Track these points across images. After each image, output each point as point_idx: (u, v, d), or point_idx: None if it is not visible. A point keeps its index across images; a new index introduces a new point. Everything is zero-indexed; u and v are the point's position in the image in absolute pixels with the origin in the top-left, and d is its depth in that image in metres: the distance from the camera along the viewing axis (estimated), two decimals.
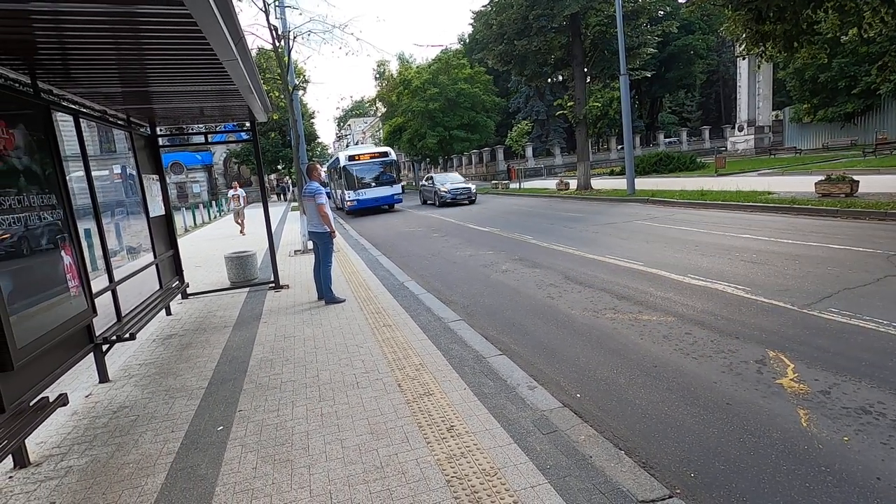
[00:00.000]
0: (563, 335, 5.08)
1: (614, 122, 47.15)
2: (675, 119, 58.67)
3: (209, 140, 8.50)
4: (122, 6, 3.08)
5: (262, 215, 8.27)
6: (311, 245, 8.74)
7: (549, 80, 26.24)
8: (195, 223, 25.19)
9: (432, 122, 36.38)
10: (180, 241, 8.10)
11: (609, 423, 3.38)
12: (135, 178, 6.42)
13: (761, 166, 26.03)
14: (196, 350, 5.44)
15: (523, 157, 45.74)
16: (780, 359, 4.05)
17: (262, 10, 11.41)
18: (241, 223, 17.69)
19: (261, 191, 8.46)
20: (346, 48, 70.39)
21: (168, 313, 7.15)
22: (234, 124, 9.98)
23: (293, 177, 36.09)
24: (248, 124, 8.11)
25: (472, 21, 28.19)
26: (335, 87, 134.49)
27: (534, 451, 2.95)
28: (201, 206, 29.21)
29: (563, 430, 3.17)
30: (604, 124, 48.33)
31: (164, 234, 7.27)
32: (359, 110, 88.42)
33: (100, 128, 5.59)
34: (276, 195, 48.33)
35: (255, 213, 25.14)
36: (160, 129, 8.17)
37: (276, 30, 12.07)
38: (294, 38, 12.83)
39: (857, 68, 30.36)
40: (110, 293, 5.08)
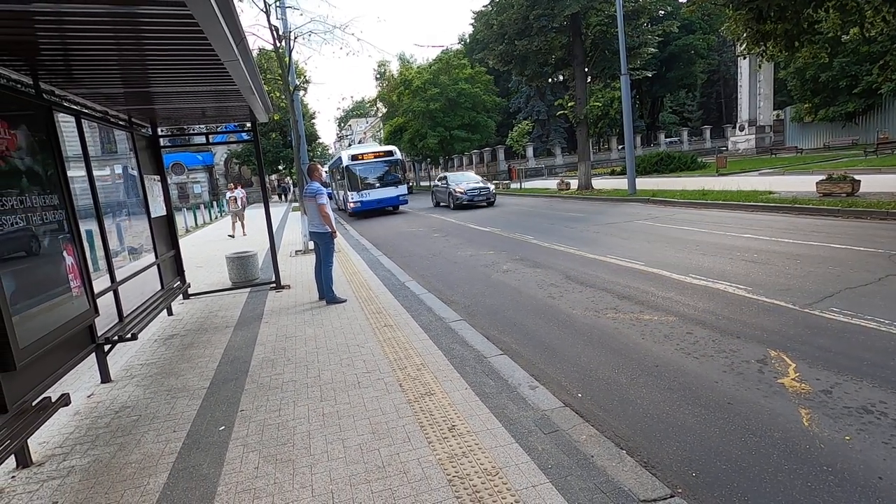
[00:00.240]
0: (565, 335, 5.08)
1: (615, 122, 47.10)
2: (676, 119, 58.65)
3: (210, 140, 8.49)
4: (123, 7, 3.09)
5: (263, 215, 8.28)
6: (311, 245, 8.75)
7: (550, 79, 26.19)
8: (196, 223, 25.23)
9: (433, 122, 36.37)
10: (181, 242, 8.11)
11: (610, 423, 3.38)
12: (136, 178, 6.43)
13: (762, 166, 26.02)
14: (198, 350, 5.45)
15: (524, 157, 45.75)
16: (781, 358, 4.05)
17: (263, 10, 11.44)
18: (242, 224, 17.62)
19: (262, 191, 8.47)
20: (346, 48, 70.75)
21: (170, 313, 7.16)
22: (236, 125, 9.99)
23: (294, 177, 36.11)
24: (249, 125, 8.12)
25: (473, 21, 28.22)
26: (336, 87, 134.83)
27: (535, 451, 2.95)
28: (202, 206, 29.25)
29: (564, 429, 3.17)
30: (604, 124, 48.28)
31: (166, 234, 7.29)
32: (359, 110, 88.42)
33: (101, 128, 5.60)
34: (277, 196, 48.38)
35: (257, 213, 25.21)
36: (161, 130, 8.18)
37: (276, 30, 12.08)
38: (295, 38, 12.84)
39: (858, 68, 30.36)
40: (112, 293, 5.09)
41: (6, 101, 3.48)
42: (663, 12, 35.48)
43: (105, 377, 4.72)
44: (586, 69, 21.56)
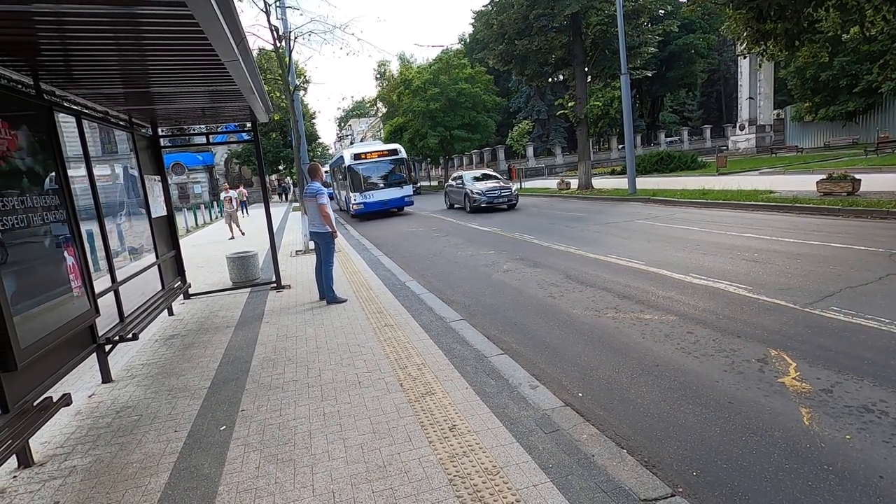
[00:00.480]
0: (565, 334, 5.08)
1: (615, 122, 47.10)
2: (676, 118, 58.59)
3: (210, 140, 8.49)
4: (124, 7, 3.09)
5: (264, 215, 8.28)
6: (312, 245, 8.75)
7: (550, 79, 26.19)
8: (196, 224, 25.24)
9: (433, 121, 36.35)
10: (182, 242, 8.12)
11: (611, 422, 3.38)
12: (136, 178, 6.44)
13: (763, 165, 26.00)
14: (198, 350, 5.45)
15: (524, 157, 45.76)
16: (782, 357, 4.05)
17: (263, 10, 11.46)
18: (237, 225, 17.54)
19: (262, 191, 8.47)
20: (346, 48, 70.87)
21: (170, 313, 7.16)
22: (236, 125, 9.98)
23: (294, 177, 36.10)
24: (249, 125, 8.12)
25: (473, 21, 28.22)
26: (336, 87, 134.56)
27: (536, 450, 2.96)
28: (203, 206, 29.25)
29: (565, 428, 3.17)
30: (605, 124, 48.29)
31: (166, 234, 7.29)
32: (359, 110, 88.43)
33: (101, 129, 5.60)
34: (277, 195, 48.42)
35: (257, 213, 25.20)
36: (162, 130, 8.18)
37: (276, 30, 12.10)
38: (295, 38, 12.86)
39: (858, 67, 30.34)
40: (113, 294, 5.09)
41: (7, 102, 3.49)
42: (663, 12, 35.44)
43: (106, 377, 4.73)
44: (586, 69, 21.56)
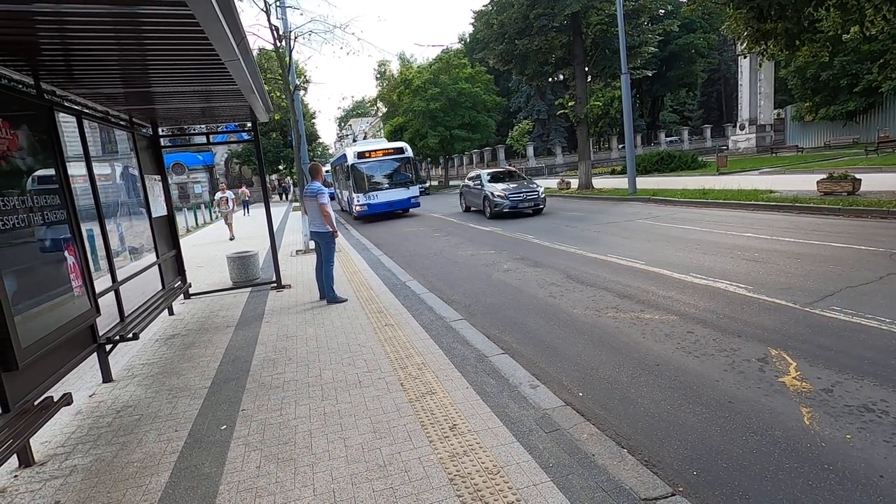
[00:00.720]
0: (565, 334, 5.08)
1: (615, 122, 47.11)
2: (677, 118, 58.57)
3: (211, 140, 8.49)
4: (124, 7, 3.09)
5: (264, 215, 8.28)
6: (312, 245, 8.76)
7: (550, 79, 26.15)
8: (197, 223, 25.24)
9: (433, 121, 36.34)
10: (182, 242, 8.12)
11: (611, 422, 3.38)
12: (137, 178, 6.44)
13: (763, 165, 26.00)
14: (199, 350, 5.46)
15: (524, 157, 45.78)
16: (782, 357, 4.05)
17: (264, 10, 11.45)
18: (230, 226, 17.30)
19: (263, 191, 8.47)
20: (347, 48, 70.79)
21: (171, 313, 7.16)
22: (236, 124, 9.99)
23: (294, 177, 36.10)
24: (249, 124, 8.12)
25: (473, 21, 28.18)
26: (336, 87, 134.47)
27: (536, 450, 2.96)
28: (203, 206, 29.24)
29: (565, 428, 3.18)
30: (605, 123, 48.30)
31: (167, 234, 7.29)
32: (360, 110, 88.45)
33: (102, 128, 5.61)
34: (277, 195, 48.44)
35: (257, 212, 25.19)
36: (162, 130, 8.19)
37: (277, 30, 12.09)
38: (295, 38, 12.85)
39: (858, 66, 30.33)
40: (113, 293, 5.09)
41: (7, 102, 3.49)
42: (663, 11, 35.48)
43: (107, 377, 4.73)
44: (586, 68, 21.56)
